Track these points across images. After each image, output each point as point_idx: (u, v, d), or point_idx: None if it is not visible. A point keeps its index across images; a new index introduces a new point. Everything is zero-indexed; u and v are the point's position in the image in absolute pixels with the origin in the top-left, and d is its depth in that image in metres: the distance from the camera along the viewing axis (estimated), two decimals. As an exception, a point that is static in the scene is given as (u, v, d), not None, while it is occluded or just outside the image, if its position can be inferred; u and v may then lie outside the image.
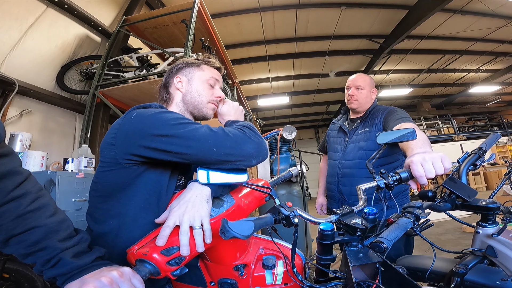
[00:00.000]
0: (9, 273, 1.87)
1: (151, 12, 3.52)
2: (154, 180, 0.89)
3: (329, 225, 0.75)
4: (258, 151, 0.85)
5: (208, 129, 0.83)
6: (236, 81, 5.64)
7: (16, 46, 2.96)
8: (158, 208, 0.88)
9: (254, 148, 0.83)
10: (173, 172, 0.94)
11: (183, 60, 1.18)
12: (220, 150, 0.79)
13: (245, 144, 0.82)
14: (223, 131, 0.83)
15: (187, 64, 1.14)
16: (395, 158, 1.73)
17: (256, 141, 0.85)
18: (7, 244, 0.65)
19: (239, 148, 0.81)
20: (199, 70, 1.13)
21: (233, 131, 0.84)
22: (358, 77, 1.92)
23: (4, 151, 0.66)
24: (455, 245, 4.01)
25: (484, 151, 1.00)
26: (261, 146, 0.86)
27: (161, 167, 0.90)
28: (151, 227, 0.84)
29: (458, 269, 0.79)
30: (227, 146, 0.80)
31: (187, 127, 0.82)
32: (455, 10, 6.46)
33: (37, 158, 2.53)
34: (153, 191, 0.89)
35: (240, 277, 0.86)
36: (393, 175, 0.88)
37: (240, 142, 0.82)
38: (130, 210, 0.87)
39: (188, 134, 0.80)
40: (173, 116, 0.85)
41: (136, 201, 0.87)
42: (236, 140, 0.82)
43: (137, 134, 0.82)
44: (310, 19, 6.77)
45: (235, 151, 0.81)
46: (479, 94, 13.04)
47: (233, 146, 0.80)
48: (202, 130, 0.82)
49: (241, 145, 0.82)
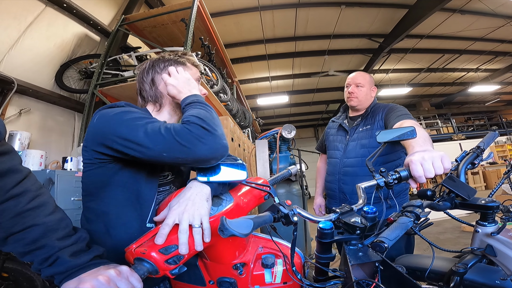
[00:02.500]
0: (8, 273, 1.87)
1: (150, 11, 3.52)
2: (131, 177, 0.91)
3: (329, 224, 0.75)
4: (212, 153, 0.79)
5: (160, 131, 0.77)
6: (236, 80, 5.64)
7: (15, 45, 2.95)
8: (140, 205, 0.90)
9: (206, 151, 0.77)
10: (153, 168, 0.94)
11: (164, 56, 1.13)
12: (170, 155, 0.76)
13: (196, 147, 0.76)
14: (173, 133, 0.76)
15: (174, 62, 1.10)
16: (397, 155, 1.71)
17: (208, 143, 0.78)
18: (6, 242, 0.65)
19: (191, 153, 0.76)
20: (187, 68, 1.11)
21: (183, 132, 0.77)
22: (358, 74, 1.92)
23: (4, 149, 0.66)
24: (454, 244, 4.01)
25: (482, 150, 1.00)
26: (214, 148, 0.79)
27: (137, 164, 0.91)
28: (134, 224, 0.89)
29: (457, 268, 0.79)
30: (177, 150, 0.76)
31: (140, 129, 0.78)
32: (454, 10, 6.46)
33: (36, 157, 2.53)
34: (132, 188, 0.91)
35: (239, 276, 0.86)
36: (393, 173, 0.88)
37: (190, 146, 0.76)
38: (113, 208, 0.90)
39: (139, 139, 0.77)
40: (131, 116, 0.83)
41: (117, 198, 0.90)
42: (186, 144, 0.75)
43: (99, 135, 0.84)
44: (310, 18, 6.77)
45: (186, 155, 0.76)
46: (478, 94, 13.05)
47: (183, 150, 0.76)
48: (154, 133, 0.77)
49: (191, 149, 0.76)
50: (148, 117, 0.86)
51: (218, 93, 3.44)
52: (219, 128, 0.83)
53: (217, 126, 0.82)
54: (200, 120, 0.80)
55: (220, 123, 0.86)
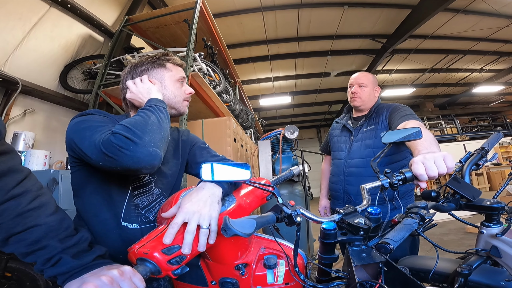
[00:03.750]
0: (11, 272, 1.88)
1: (154, 11, 3.53)
2: (103, 179, 0.96)
3: (332, 224, 0.74)
4: (136, 163, 0.76)
5: (95, 142, 0.78)
6: (238, 80, 5.65)
7: (20, 46, 2.98)
8: (113, 205, 0.96)
9: (130, 161, 0.75)
10: None
11: (142, 59, 1.14)
12: (105, 164, 0.78)
13: (120, 158, 0.75)
14: (101, 145, 0.76)
15: (152, 65, 1.10)
16: (402, 156, 1.69)
17: (130, 153, 0.75)
18: (7, 243, 0.65)
19: (117, 163, 0.76)
20: (167, 70, 1.11)
21: (107, 143, 0.76)
22: (361, 75, 1.91)
23: (4, 149, 0.66)
24: (458, 246, 3.98)
25: (487, 150, 0.99)
26: (137, 158, 0.76)
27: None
28: (110, 222, 0.95)
29: (462, 269, 0.78)
30: (106, 161, 0.77)
31: (86, 139, 0.82)
32: (458, 10, 6.43)
33: (40, 157, 2.55)
34: (104, 190, 0.96)
35: (241, 277, 0.86)
36: (398, 174, 0.87)
37: (114, 157, 0.75)
38: (90, 207, 0.96)
39: (84, 148, 0.82)
40: (86, 125, 0.87)
41: (93, 199, 0.96)
42: (110, 155, 0.75)
43: (67, 141, 0.90)
44: (312, 18, 6.77)
45: (114, 165, 0.77)
46: (482, 94, 12.97)
47: (110, 161, 0.76)
48: (92, 144, 0.79)
49: (116, 160, 0.75)
50: (103, 126, 0.87)
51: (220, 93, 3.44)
52: (149, 134, 0.79)
53: (144, 133, 0.78)
54: (125, 129, 0.77)
55: (157, 128, 0.84)
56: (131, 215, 0.98)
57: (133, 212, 0.98)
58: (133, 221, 0.98)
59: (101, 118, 0.96)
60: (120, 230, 0.96)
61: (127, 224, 0.97)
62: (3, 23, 2.79)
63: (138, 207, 1.00)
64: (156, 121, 0.85)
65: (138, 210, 1.00)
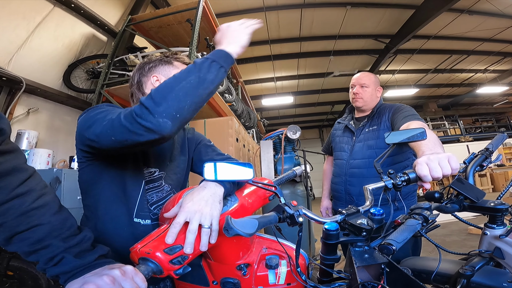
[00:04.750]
0: (13, 271, 1.89)
1: (156, 11, 3.54)
2: (116, 173, 0.95)
3: (334, 225, 0.74)
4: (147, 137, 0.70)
5: (115, 117, 0.74)
6: (241, 80, 5.65)
7: (24, 45, 3.00)
8: (126, 200, 0.95)
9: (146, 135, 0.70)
10: (137, 164, 0.98)
11: (151, 57, 1.15)
12: (117, 138, 0.73)
13: (139, 130, 0.70)
14: (126, 116, 0.71)
15: (159, 62, 1.12)
16: (405, 156, 1.69)
17: (145, 125, 0.69)
18: (11, 242, 0.65)
19: (134, 137, 0.71)
20: (174, 67, 1.12)
21: (135, 111, 0.70)
22: (363, 75, 1.90)
23: (9, 148, 0.66)
24: (460, 247, 3.96)
25: (491, 152, 0.99)
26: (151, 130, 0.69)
27: (121, 161, 0.95)
28: (122, 219, 0.94)
29: (464, 271, 0.78)
30: (122, 133, 0.72)
31: (99, 123, 0.78)
32: (462, 10, 6.39)
33: (44, 156, 2.56)
34: (118, 184, 0.95)
35: (243, 277, 0.86)
36: (402, 175, 0.86)
37: (134, 130, 0.70)
38: (101, 203, 0.94)
39: (99, 131, 0.77)
40: (95, 112, 0.85)
41: (105, 195, 0.94)
42: (129, 127, 0.70)
43: (78, 135, 0.89)
44: (315, 18, 6.75)
45: (133, 138, 0.71)
46: (486, 95, 12.89)
47: (129, 134, 0.71)
48: (110, 121, 0.75)
49: (135, 134, 0.70)
50: (116, 108, 0.86)
51: (223, 93, 3.45)
52: (167, 102, 0.70)
53: (163, 100, 0.70)
54: (148, 97, 0.71)
55: (185, 93, 0.72)
56: (144, 211, 0.97)
57: (145, 207, 0.98)
58: (146, 217, 0.97)
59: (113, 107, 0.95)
60: (132, 227, 0.95)
61: (140, 220, 0.96)
62: (7, 22, 2.81)
63: (148, 202, 1.00)
64: (191, 84, 0.73)
65: (148, 205, 1.00)
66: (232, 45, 0.85)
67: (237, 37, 0.88)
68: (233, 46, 0.85)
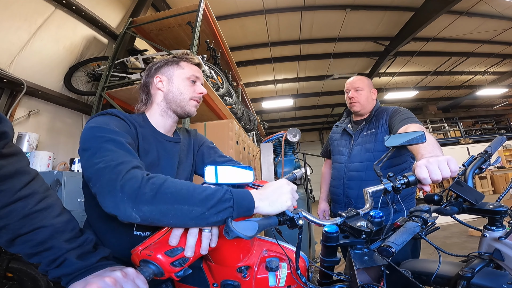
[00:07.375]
0: (12, 273, 1.88)
1: (157, 14, 3.56)
2: None
3: (334, 227, 0.75)
4: (112, 212, 0.68)
5: (103, 174, 0.71)
6: (241, 83, 5.66)
7: (25, 47, 3.01)
8: None
9: (110, 208, 0.69)
10: None
11: (160, 58, 1.16)
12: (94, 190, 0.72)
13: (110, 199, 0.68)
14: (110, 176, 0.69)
15: (165, 63, 1.13)
16: (403, 159, 1.69)
17: (117, 203, 0.67)
18: (13, 244, 0.66)
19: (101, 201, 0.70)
20: (178, 68, 1.12)
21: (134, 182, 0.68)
22: (356, 78, 1.91)
23: (12, 151, 0.66)
24: (461, 249, 3.96)
25: (490, 154, 0.99)
26: (117, 211, 0.67)
27: None
28: (121, 231, 0.92)
29: (464, 272, 0.78)
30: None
31: (94, 159, 0.75)
32: (461, 12, 6.42)
33: (44, 158, 2.57)
34: None
35: (243, 279, 0.86)
36: (401, 178, 0.87)
37: (107, 200, 0.69)
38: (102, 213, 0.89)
39: (94, 171, 0.73)
40: (99, 134, 0.81)
41: None
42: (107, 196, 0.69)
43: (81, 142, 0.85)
44: (315, 21, 6.78)
45: (101, 201, 0.70)
46: (486, 97, 12.90)
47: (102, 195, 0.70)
48: (101, 166, 0.72)
49: (103, 201, 0.70)
50: (118, 151, 0.80)
51: (223, 96, 3.45)
52: (156, 207, 0.67)
53: (153, 203, 0.67)
54: (151, 182, 0.70)
55: (179, 208, 0.67)
56: None
57: None
58: (147, 228, 0.95)
59: (122, 120, 0.94)
60: (133, 239, 0.92)
61: (140, 233, 0.93)
62: (9, 24, 2.82)
63: None
64: (190, 213, 0.68)
65: None
66: (268, 206, 0.74)
67: (281, 200, 0.76)
68: (267, 205, 0.74)
